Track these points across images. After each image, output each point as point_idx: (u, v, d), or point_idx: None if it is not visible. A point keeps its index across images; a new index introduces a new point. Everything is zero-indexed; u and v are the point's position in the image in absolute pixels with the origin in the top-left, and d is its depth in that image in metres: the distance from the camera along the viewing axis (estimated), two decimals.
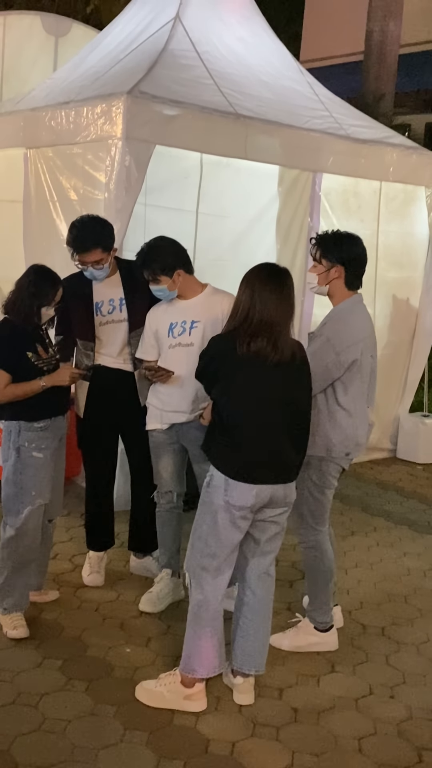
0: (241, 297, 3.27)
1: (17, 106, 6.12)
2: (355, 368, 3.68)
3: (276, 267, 3.38)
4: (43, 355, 3.77)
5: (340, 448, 3.72)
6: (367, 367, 3.76)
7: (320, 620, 3.90)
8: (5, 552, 3.83)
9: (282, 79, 6.15)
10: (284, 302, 3.26)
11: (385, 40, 11.94)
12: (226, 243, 6.36)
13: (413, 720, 3.44)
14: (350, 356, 3.64)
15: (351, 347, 3.65)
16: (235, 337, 3.24)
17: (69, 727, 3.19)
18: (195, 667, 3.36)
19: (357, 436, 3.76)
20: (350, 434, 3.73)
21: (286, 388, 3.29)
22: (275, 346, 3.21)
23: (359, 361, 3.68)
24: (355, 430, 3.74)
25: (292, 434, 3.34)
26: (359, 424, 3.76)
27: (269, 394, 3.25)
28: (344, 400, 3.70)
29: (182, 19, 5.72)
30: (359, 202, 6.40)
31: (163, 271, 3.88)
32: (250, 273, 3.31)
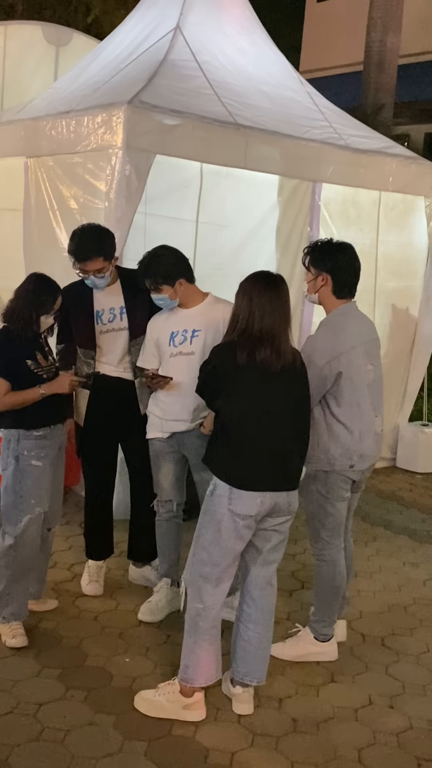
0: (239, 306, 3.29)
1: (18, 116, 6.14)
2: (343, 380, 3.62)
3: (270, 274, 3.40)
4: (43, 363, 3.78)
5: (342, 460, 3.67)
6: (363, 376, 3.69)
7: (321, 632, 3.89)
8: (4, 561, 3.82)
9: (282, 89, 6.17)
10: (281, 309, 3.28)
11: (384, 51, 12.00)
12: (226, 252, 6.37)
13: (413, 730, 3.43)
14: (333, 369, 3.59)
15: (332, 361, 3.58)
16: (236, 347, 3.24)
17: (68, 736, 3.18)
18: (193, 676, 3.36)
19: (360, 447, 3.68)
20: (351, 446, 3.67)
21: (287, 396, 3.31)
22: (278, 353, 3.23)
23: (347, 372, 3.61)
24: (355, 441, 3.67)
25: (294, 441, 3.35)
26: (361, 435, 3.69)
27: (272, 402, 3.27)
28: (339, 412, 3.65)
29: (183, 30, 5.75)
30: (359, 211, 6.42)
31: (165, 280, 3.88)
32: (246, 282, 3.33)
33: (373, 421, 3.75)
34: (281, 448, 3.30)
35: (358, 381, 3.66)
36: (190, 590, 3.37)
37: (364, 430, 3.70)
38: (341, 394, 3.64)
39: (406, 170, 6.42)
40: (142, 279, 3.93)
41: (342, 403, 3.65)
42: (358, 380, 3.66)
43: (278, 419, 3.28)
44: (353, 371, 3.64)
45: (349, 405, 3.66)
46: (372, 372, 3.76)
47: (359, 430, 3.68)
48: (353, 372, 3.64)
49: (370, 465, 3.82)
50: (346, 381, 3.63)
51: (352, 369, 3.64)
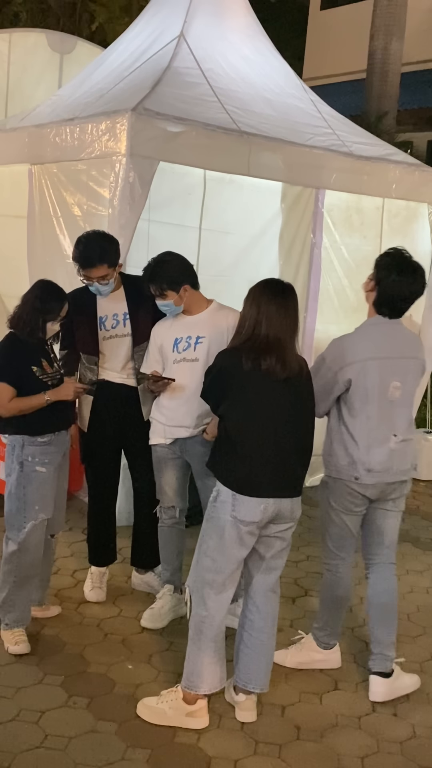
0: (247, 312, 3.29)
1: (22, 123, 6.16)
2: (353, 389, 3.56)
3: (281, 283, 3.39)
4: (48, 370, 3.78)
5: (349, 470, 3.60)
6: (381, 391, 3.54)
7: (322, 639, 3.88)
8: (7, 567, 3.82)
9: (285, 96, 6.18)
10: (289, 318, 3.29)
11: (387, 59, 12.01)
12: (229, 259, 6.38)
13: (416, 738, 3.42)
14: (344, 375, 3.54)
15: (345, 367, 3.54)
16: (242, 353, 3.25)
17: (70, 744, 3.17)
18: (197, 683, 3.35)
19: (367, 461, 3.56)
20: (358, 459, 3.57)
21: (292, 403, 3.31)
22: (284, 363, 3.23)
23: (359, 382, 3.54)
24: (361, 454, 3.57)
25: (298, 448, 3.35)
26: (369, 449, 3.56)
27: (276, 409, 3.27)
28: (350, 421, 3.59)
29: (186, 37, 5.76)
30: (362, 218, 6.42)
31: (170, 286, 3.88)
32: (255, 289, 3.33)
33: (387, 437, 3.58)
34: (284, 456, 3.30)
35: (373, 394, 3.55)
36: (194, 597, 3.37)
37: (373, 444, 3.57)
38: (352, 404, 3.58)
39: (409, 177, 6.42)
40: (147, 285, 3.93)
41: (354, 413, 3.59)
42: (373, 393, 3.55)
43: (281, 427, 3.28)
44: (368, 383, 3.54)
45: (359, 416, 3.57)
46: (399, 390, 3.58)
47: (366, 444, 3.57)
48: (368, 383, 3.54)
49: (385, 482, 3.61)
50: (358, 391, 3.55)
51: (368, 380, 3.54)
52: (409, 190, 6.45)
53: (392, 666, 3.71)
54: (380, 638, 3.72)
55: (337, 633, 3.90)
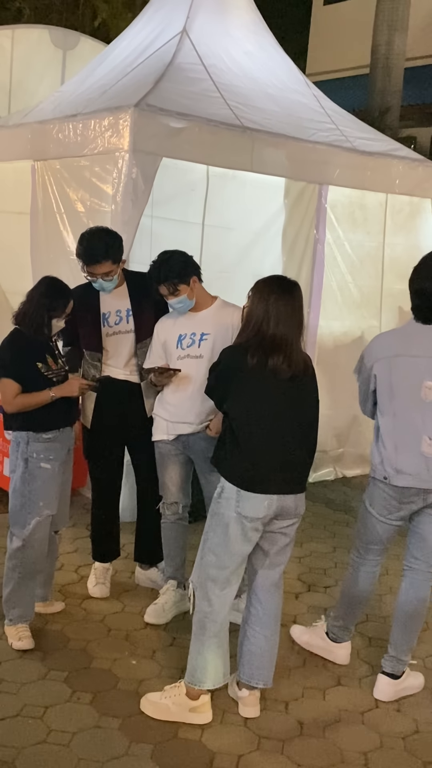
0: (254, 309, 3.27)
1: (25, 119, 6.16)
2: (379, 385, 3.54)
3: (288, 281, 3.38)
4: (53, 366, 3.79)
5: (379, 469, 3.57)
6: (411, 389, 3.46)
7: (333, 631, 3.90)
8: (12, 563, 3.83)
9: (288, 92, 6.18)
10: (296, 316, 3.28)
11: (391, 54, 11.98)
12: (232, 255, 6.38)
13: (420, 734, 3.43)
14: (371, 371, 3.56)
15: (375, 364, 3.55)
16: (248, 350, 3.24)
17: (74, 739, 3.18)
18: (200, 678, 3.35)
19: (395, 461, 3.50)
20: (386, 457, 3.53)
21: (297, 401, 3.31)
22: (290, 361, 3.23)
23: (384, 378, 3.51)
24: (389, 453, 3.52)
25: (302, 445, 3.35)
26: (397, 449, 3.50)
27: (281, 406, 3.26)
28: (381, 421, 3.58)
29: (189, 33, 5.76)
30: (365, 214, 6.41)
31: (181, 279, 3.87)
32: (263, 285, 3.31)
33: (418, 439, 3.48)
34: (288, 453, 3.29)
35: (399, 391, 3.50)
36: (198, 593, 3.37)
37: (401, 444, 3.50)
38: (381, 401, 3.57)
39: (412, 173, 6.41)
40: (157, 286, 3.91)
41: (382, 410, 3.57)
42: (399, 390, 3.50)
43: (286, 424, 3.28)
44: (394, 379, 3.50)
45: (386, 414, 3.56)
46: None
47: (394, 443, 3.51)
48: (394, 380, 3.50)
49: (420, 488, 3.50)
50: (384, 387, 3.53)
51: (393, 377, 3.50)
52: (412, 185, 6.45)
53: (403, 669, 3.71)
54: (399, 643, 3.70)
55: (348, 630, 3.91)
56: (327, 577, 4.84)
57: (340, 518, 5.80)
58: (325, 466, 6.59)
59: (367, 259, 6.49)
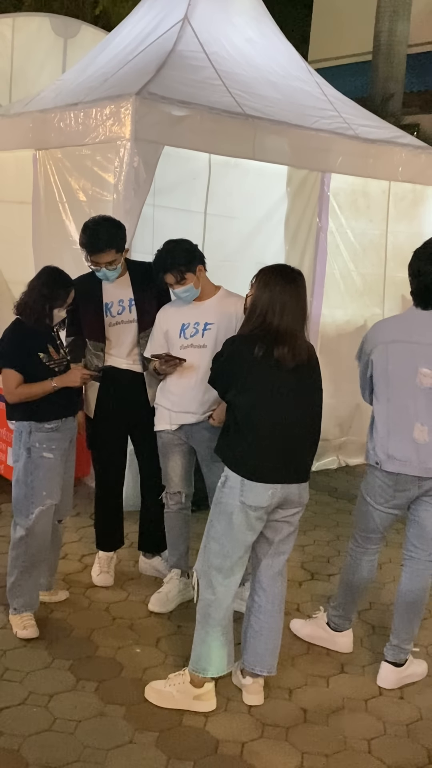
0: (258, 299, 3.26)
1: (26, 108, 6.14)
2: (375, 371, 3.56)
3: (292, 270, 3.36)
4: (55, 356, 3.78)
5: (371, 455, 3.60)
6: (407, 376, 3.48)
7: (334, 620, 3.91)
8: (15, 552, 3.84)
9: (290, 79, 6.15)
10: (300, 306, 3.27)
11: (393, 40, 11.91)
12: (234, 244, 6.36)
13: (423, 721, 3.44)
14: (369, 357, 3.59)
15: (373, 350, 3.57)
16: (252, 340, 3.23)
17: (79, 727, 3.20)
18: (205, 666, 3.37)
19: (387, 446, 3.52)
20: (380, 443, 3.56)
21: (301, 390, 3.30)
22: (294, 351, 3.22)
23: (380, 364, 3.53)
24: (381, 438, 3.54)
25: (306, 435, 3.35)
26: (389, 434, 3.52)
27: (285, 396, 3.26)
28: (376, 407, 3.60)
29: (191, 21, 5.73)
30: (368, 202, 6.39)
31: (188, 267, 3.87)
32: (267, 275, 3.29)
33: (410, 425, 3.49)
34: (292, 442, 3.29)
35: (395, 377, 3.52)
36: (201, 581, 3.38)
37: (394, 430, 3.52)
38: (377, 386, 3.59)
39: (415, 160, 6.39)
40: (163, 275, 3.91)
41: (378, 396, 3.59)
42: (395, 376, 3.51)
43: (289, 414, 3.27)
44: (389, 365, 3.52)
45: (380, 399, 3.58)
46: (430, 378, 3.46)
47: (387, 428, 3.54)
48: (390, 366, 3.52)
49: (412, 476, 3.50)
50: (380, 373, 3.55)
51: (389, 363, 3.52)
52: (415, 173, 6.42)
53: (406, 657, 3.72)
54: (401, 631, 3.70)
55: (348, 618, 3.91)
56: (330, 566, 4.85)
57: (344, 507, 5.81)
58: (328, 455, 6.60)
59: (370, 247, 6.47)
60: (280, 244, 6.41)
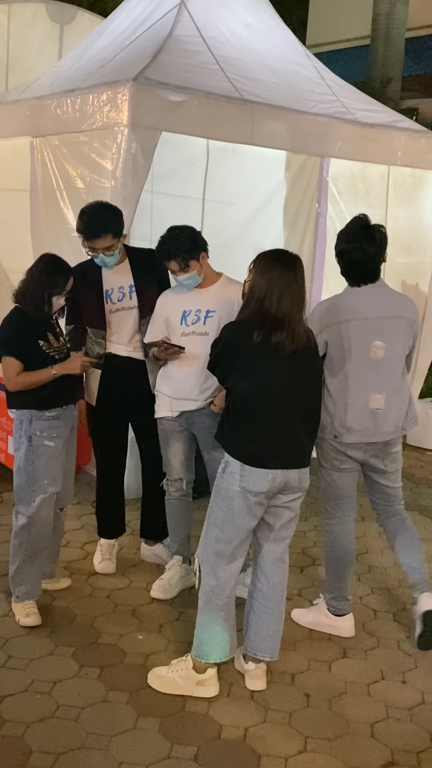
0: (256, 285, 3.25)
1: (23, 95, 6.10)
2: (330, 350, 3.67)
3: (290, 255, 3.36)
4: (55, 344, 3.78)
5: (329, 429, 3.72)
6: (362, 351, 3.65)
7: (331, 604, 3.92)
8: (18, 540, 3.84)
9: (288, 63, 6.10)
10: (299, 291, 3.26)
11: (392, 24, 11.83)
12: (233, 230, 6.33)
13: (425, 705, 3.45)
14: (323, 338, 3.65)
15: (324, 330, 3.66)
16: (250, 326, 3.22)
17: (82, 714, 3.21)
18: (207, 652, 3.38)
19: (345, 419, 3.69)
20: (336, 417, 3.70)
21: (300, 375, 3.30)
22: (293, 337, 3.22)
23: (336, 343, 3.66)
24: (339, 412, 3.69)
25: (305, 420, 3.35)
26: (347, 408, 3.68)
27: (285, 380, 3.26)
28: (329, 381, 3.71)
29: (187, 5, 5.68)
30: (367, 186, 6.36)
31: (191, 255, 3.86)
32: (265, 260, 3.28)
33: (366, 396, 3.68)
34: (291, 427, 3.29)
35: (350, 354, 3.66)
36: (203, 567, 3.38)
37: (351, 403, 3.68)
38: (331, 364, 3.70)
39: (415, 144, 6.35)
40: (166, 262, 3.89)
41: (333, 372, 3.71)
42: (351, 353, 3.66)
43: (288, 398, 3.27)
44: (345, 343, 3.66)
45: (338, 376, 3.70)
46: (382, 350, 3.68)
47: (344, 402, 3.69)
48: (345, 344, 3.66)
49: (368, 442, 3.73)
50: (336, 351, 3.67)
51: (344, 341, 3.66)
52: (414, 157, 6.38)
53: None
54: (413, 564, 3.90)
55: (344, 597, 3.93)
56: None
57: None
58: None
59: None
60: (279, 229, 6.38)
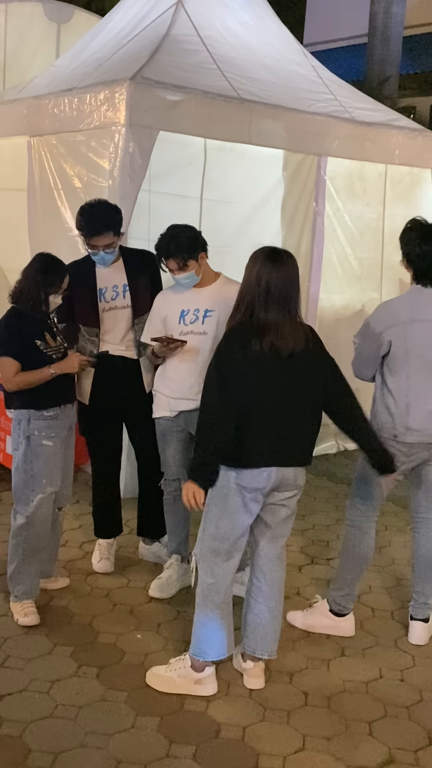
0: (246, 287, 3.24)
1: (20, 94, 6.10)
2: (394, 349, 3.66)
3: (279, 253, 3.31)
4: (52, 344, 3.78)
5: (388, 428, 3.70)
6: (421, 352, 3.65)
7: (338, 602, 3.92)
8: (16, 540, 3.84)
9: (286, 62, 6.11)
10: (293, 288, 3.24)
11: (389, 22, 11.85)
12: (231, 229, 6.33)
13: (423, 703, 3.45)
14: (385, 337, 3.65)
15: (387, 330, 3.65)
16: (241, 334, 3.20)
17: (81, 713, 3.21)
18: (205, 650, 3.38)
19: (406, 419, 3.67)
20: (397, 417, 3.68)
21: (299, 376, 3.27)
22: (287, 339, 3.19)
23: (400, 343, 3.64)
24: (401, 412, 3.68)
25: (305, 421, 3.33)
26: (408, 408, 3.67)
27: (282, 382, 3.23)
28: (390, 380, 3.71)
29: (184, 4, 5.69)
30: (365, 185, 6.37)
31: (190, 255, 3.85)
32: (253, 262, 3.26)
33: (427, 398, 3.69)
34: (289, 427, 3.27)
35: (414, 355, 3.66)
36: (201, 565, 3.39)
37: (413, 402, 3.68)
38: (393, 364, 3.70)
39: (412, 143, 6.36)
40: (165, 261, 3.89)
41: (394, 372, 3.70)
42: (414, 354, 3.66)
43: (287, 403, 3.24)
44: (409, 344, 3.65)
45: (399, 375, 3.69)
46: None
47: (406, 402, 3.68)
48: (409, 345, 3.65)
49: (426, 442, 3.73)
50: (399, 352, 3.67)
51: (408, 342, 3.65)
52: (412, 156, 6.40)
53: (429, 613, 3.94)
54: (424, 590, 3.92)
55: (352, 596, 3.93)
56: (330, 550, 4.86)
57: (343, 491, 5.81)
58: (327, 440, 6.60)
59: (367, 231, 6.45)
60: (277, 228, 6.39)
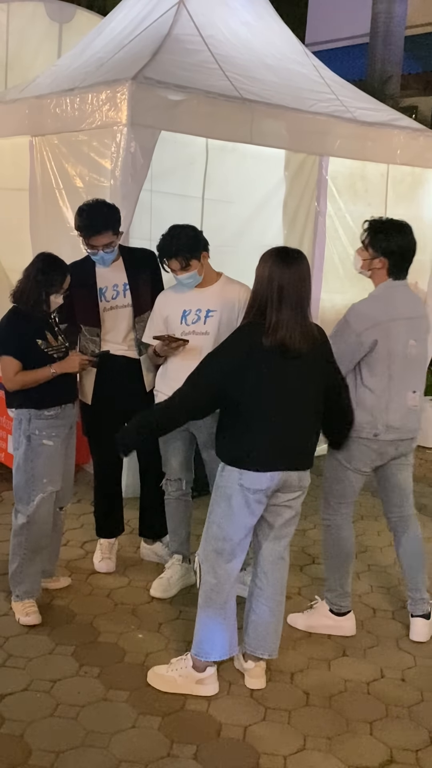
0: (259, 286, 3.23)
1: (22, 94, 6.10)
2: (378, 349, 3.64)
3: (292, 253, 3.30)
4: (53, 343, 3.78)
5: (367, 428, 3.70)
6: (402, 350, 3.69)
7: (334, 602, 3.92)
8: (17, 540, 3.85)
9: (287, 62, 6.10)
10: (304, 289, 3.24)
11: (391, 22, 11.81)
12: (232, 229, 6.32)
13: (425, 703, 3.45)
14: (370, 337, 3.63)
15: (371, 329, 3.63)
16: (251, 332, 3.21)
17: (82, 712, 3.21)
18: (207, 650, 3.38)
19: (386, 417, 3.69)
20: (376, 414, 3.69)
21: (305, 377, 3.27)
22: (297, 339, 3.19)
23: (383, 342, 3.64)
24: (381, 410, 3.68)
25: (310, 422, 3.33)
26: (389, 406, 3.69)
27: (287, 384, 3.23)
28: (370, 380, 3.69)
29: (186, 4, 5.68)
30: (366, 185, 6.36)
31: (192, 254, 3.86)
32: (264, 262, 3.25)
33: (405, 395, 3.74)
34: (294, 429, 3.27)
35: (394, 353, 3.68)
36: (204, 565, 3.39)
37: (392, 401, 3.70)
38: (375, 363, 3.68)
39: (414, 143, 6.35)
40: (167, 261, 3.89)
41: (374, 372, 3.69)
42: (395, 352, 3.67)
43: (293, 404, 3.25)
44: (391, 343, 3.66)
45: (380, 374, 3.69)
46: (415, 348, 3.75)
47: (387, 400, 3.69)
48: (391, 343, 3.66)
49: (400, 439, 3.78)
50: (382, 351, 3.66)
51: (390, 340, 3.66)
52: (414, 155, 6.39)
53: (428, 608, 3.96)
54: (417, 584, 3.95)
55: (346, 594, 3.93)
56: None
57: None
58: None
59: None
60: (279, 228, 6.38)
